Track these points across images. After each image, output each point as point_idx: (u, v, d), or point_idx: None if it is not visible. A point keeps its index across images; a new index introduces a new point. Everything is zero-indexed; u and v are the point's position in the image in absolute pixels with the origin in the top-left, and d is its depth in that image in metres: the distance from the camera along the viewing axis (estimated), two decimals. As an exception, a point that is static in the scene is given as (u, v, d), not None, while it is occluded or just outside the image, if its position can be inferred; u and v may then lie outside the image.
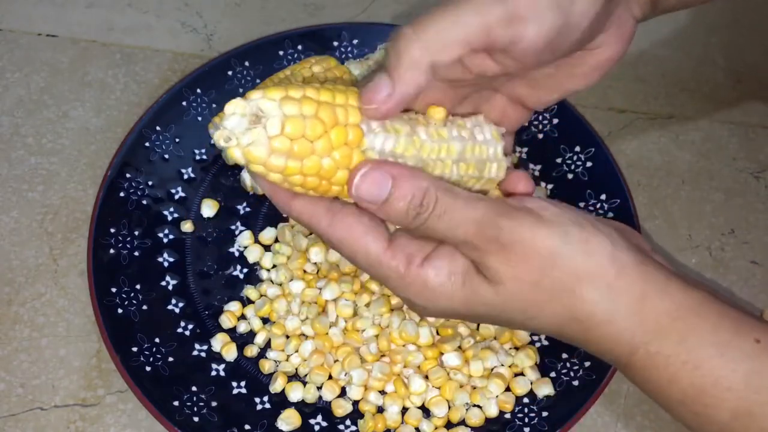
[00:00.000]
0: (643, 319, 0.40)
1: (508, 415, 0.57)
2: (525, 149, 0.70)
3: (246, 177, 0.67)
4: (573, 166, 0.67)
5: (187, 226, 0.65)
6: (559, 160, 0.68)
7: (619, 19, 0.44)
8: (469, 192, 0.42)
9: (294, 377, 0.59)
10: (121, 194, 0.64)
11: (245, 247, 0.65)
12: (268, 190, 0.41)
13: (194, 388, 0.57)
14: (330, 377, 0.59)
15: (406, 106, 0.40)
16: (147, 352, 0.58)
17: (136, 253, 0.63)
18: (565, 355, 0.59)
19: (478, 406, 0.57)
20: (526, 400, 0.58)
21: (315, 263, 0.63)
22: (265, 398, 0.58)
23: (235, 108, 0.38)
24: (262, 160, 0.39)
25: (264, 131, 0.38)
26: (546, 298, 0.40)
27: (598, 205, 0.65)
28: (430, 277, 0.41)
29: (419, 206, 0.40)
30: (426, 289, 0.41)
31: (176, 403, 0.56)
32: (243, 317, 0.62)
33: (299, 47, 0.73)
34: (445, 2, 0.40)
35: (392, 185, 0.40)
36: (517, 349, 0.60)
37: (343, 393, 0.58)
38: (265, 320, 0.62)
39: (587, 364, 0.58)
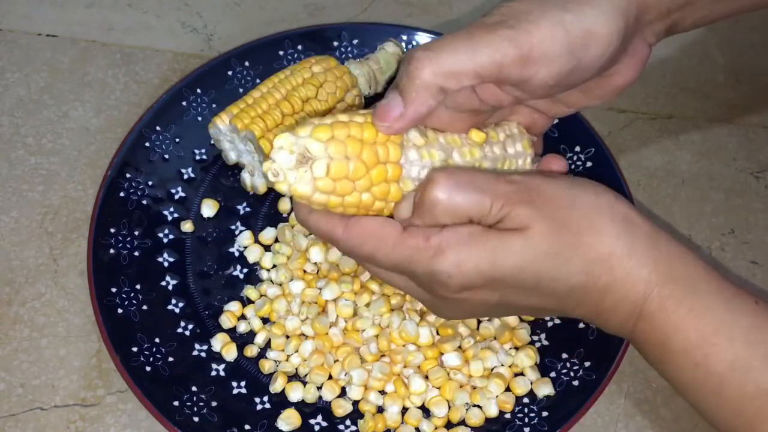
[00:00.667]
0: (658, 258, 0.42)
1: (508, 415, 0.57)
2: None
3: (246, 177, 0.67)
4: (573, 166, 0.67)
5: (187, 226, 0.65)
6: (559, 160, 0.68)
7: (634, 49, 0.46)
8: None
9: (294, 377, 0.59)
10: (121, 194, 0.64)
11: (245, 247, 0.65)
12: (294, 204, 0.45)
13: (194, 388, 0.57)
14: (330, 377, 0.59)
15: (417, 124, 0.43)
16: (147, 352, 0.58)
17: (136, 253, 0.63)
18: (565, 355, 0.59)
19: (478, 406, 0.57)
20: (526, 400, 0.58)
21: (315, 263, 0.63)
22: (265, 398, 0.58)
23: (284, 143, 0.41)
24: (307, 197, 0.41)
25: (310, 172, 0.41)
26: (573, 240, 0.42)
27: (598, 205, 0.65)
28: (453, 241, 0.41)
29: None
30: (450, 251, 0.41)
31: (176, 403, 0.56)
32: (243, 317, 0.62)
33: (299, 47, 0.73)
34: (459, 32, 0.42)
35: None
36: (517, 349, 0.60)
37: (343, 393, 0.58)
38: (265, 320, 0.62)
39: (587, 364, 0.58)
